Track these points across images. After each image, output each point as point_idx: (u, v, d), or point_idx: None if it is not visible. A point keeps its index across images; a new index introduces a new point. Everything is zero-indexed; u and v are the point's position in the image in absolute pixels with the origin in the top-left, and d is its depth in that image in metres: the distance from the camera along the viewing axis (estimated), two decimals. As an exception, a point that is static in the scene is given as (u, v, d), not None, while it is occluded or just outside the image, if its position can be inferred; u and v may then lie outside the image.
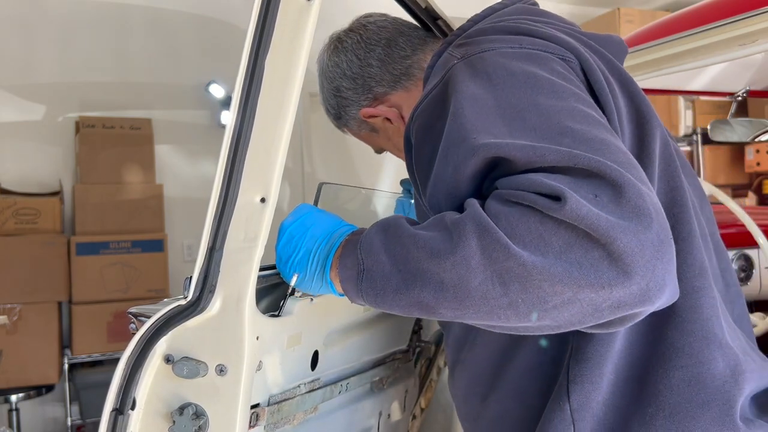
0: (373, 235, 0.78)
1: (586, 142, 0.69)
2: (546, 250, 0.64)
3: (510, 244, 0.65)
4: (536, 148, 0.69)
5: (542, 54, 0.82)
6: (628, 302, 0.64)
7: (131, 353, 0.82)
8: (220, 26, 4.09)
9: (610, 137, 0.72)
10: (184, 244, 4.01)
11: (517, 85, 0.76)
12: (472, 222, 0.68)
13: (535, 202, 0.65)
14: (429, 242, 0.71)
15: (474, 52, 0.83)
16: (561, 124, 0.72)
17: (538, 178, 0.67)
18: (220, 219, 0.82)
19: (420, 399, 1.50)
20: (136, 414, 0.82)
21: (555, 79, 0.78)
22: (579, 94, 0.78)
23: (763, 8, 1.45)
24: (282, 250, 0.88)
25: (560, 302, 0.65)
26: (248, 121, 0.81)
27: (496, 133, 0.72)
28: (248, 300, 0.82)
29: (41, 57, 3.80)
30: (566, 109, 0.74)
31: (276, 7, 0.80)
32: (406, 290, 0.72)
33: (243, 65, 0.81)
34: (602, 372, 0.81)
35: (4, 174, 3.63)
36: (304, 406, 0.99)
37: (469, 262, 0.67)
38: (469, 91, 0.78)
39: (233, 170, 0.81)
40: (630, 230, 0.63)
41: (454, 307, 0.69)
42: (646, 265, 0.62)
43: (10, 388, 3.33)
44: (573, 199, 0.63)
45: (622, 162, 0.68)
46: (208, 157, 4.10)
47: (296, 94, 0.81)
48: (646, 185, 0.68)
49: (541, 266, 0.64)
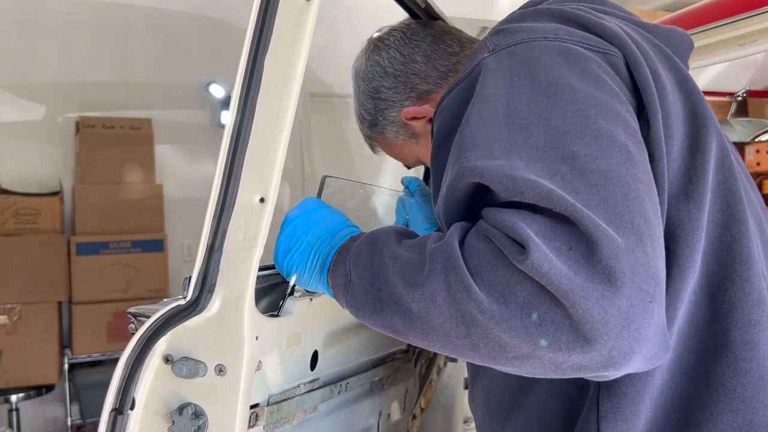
0: (362, 247, 0.77)
1: (584, 174, 0.63)
2: (509, 299, 0.60)
3: (473, 287, 0.61)
4: (516, 180, 0.63)
5: (577, 49, 0.74)
6: (589, 366, 0.59)
7: (131, 353, 0.82)
8: (220, 26, 4.08)
9: (619, 168, 0.64)
10: (184, 244, 4.01)
11: (536, 91, 0.70)
12: (443, 255, 0.65)
13: (504, 247, 0.61)
14: (405, 268, 0.69)
15: (504, 45, 0.77)
16: (565, 148, 0.65)
17: (512, 219, 0.62)
18: (220, 219, 0.82)
19: (420, 399, 1.50)
20: (136, 414, 0.82)
21: (580, 87, 0.70)
22: (605, 104, 0.69)
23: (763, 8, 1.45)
24: (284, 242, 0.86)
25: (519, 355, 0.61)
26: (248, 121, 0.81)
27: (492, 150, 0.67)
28: (247, 300, 0.82)
29: (41, 57, 3.80)
30: (578, 129, 0.66)
31: (275, 7, 0.80)
32: (381, 311, 0.71)
33: (242, 65, 0.81)
34: (638, 410, 0.72)
35: (4, 174, 3.63)
36: (303, 406, 0.99)
37: (435, 298, 0.64)
38: (485, 91, 0.73)
39: (233, 170, 0.81)
40: (594, 295, 0.57)
41: (422, 338, 0.68)
42: (609, 333, 0.57)
43: (10, 388, 3.33)
44: (537, 252, 0.58)
45: (612, 204, 0.61)
46: (208, 157, 4.10)
47: (296, 93, 0.81)
48: (634, 236, 0.60)
49: (500, 316, 0.60)
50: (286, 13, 0.80)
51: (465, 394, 1.82)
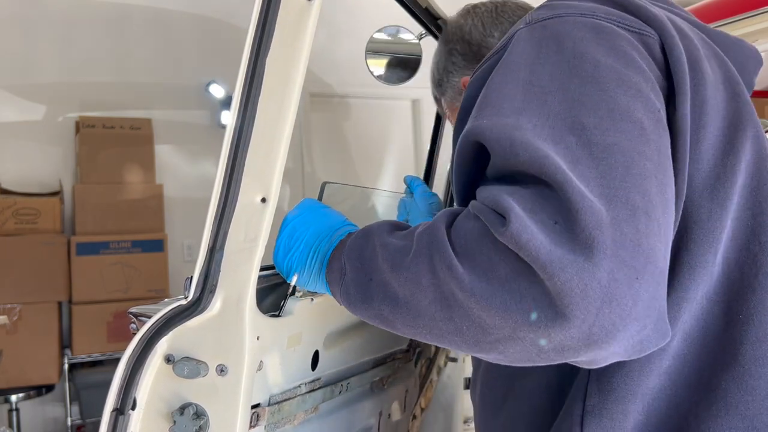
0: (356, 240, 0.76)
1: (589, 146, 0.61)
2: (490, 277, 0.58)
3: (455, 265, 0.60)
4: (514, 142, 0.62)
5: (611, 27, 0.72)
6: (571, 346, 0.57)
7: (132, 353, 0.82)
8: (220, 26, 4.09)
9: (627, 143, 0.62)
10: (184, 244, 4.01)
11: (560, 62, 0.68)
12: (429, 237, 0.64)
13: (488, 220, 0.60)
14: (393, 254, 0.68)
15: (541, 18, 0.75)
16: (576, 119, 0.63)
17: (500, 193, 0.61)
18: (221, 219, 0.82)
19: (420, 399, 1.50)
20: (137, 414, 0.82)
21: (604, 61, 0.67)
22: (628, 79, 0.67)
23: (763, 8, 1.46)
24: (283, 243, 0.86)
25: (502, 336, 0.59)
26: (249, 121, 0.81)
27: (503, 108, 0.67)
28: (249, 300, 0.82)
29: (41, 57, 3.80)
30: (595, 101, 0.64)
31: (277, 7, 0.80)
32: (370, 300, 0.70)
33: (243, 65, 0.81)
34: (627, 409, 0.70)
35: (4, 174, 3.63)
36: (304, 406, 0.99)
37: (419, 280, 0.64)
38: (510, 59, 0.72)
39: (234, 170, 0.81)
40: (573, 267, 0.55)
41: (409, 324, 0.67)
42: (588, 308, 0.55)
43: (10, 388, 3.33)
44: (516, 223, 0.57)
45: (610, 178, 0.59)
46: (208, 157, 4.10)
47: (297, 94, 0.81)
48: (626, 210, 0.58)
49: (480, 293, 0.58)
50: (287, 13, 0.80)
51: (465, 394, 1.82)
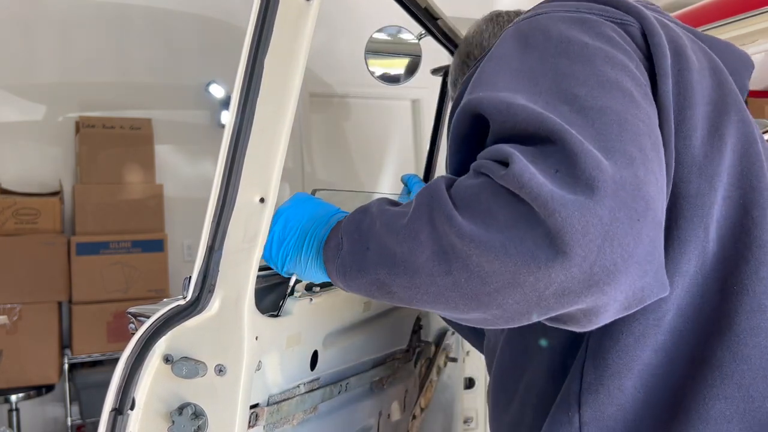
0: (354, 215, 0.76)
1: (583, 111, 0.63)
2: (490, 224, 0.59)
3: (455, 215, 0.61)
4: (512, 105, 0.64)
5: (594, 18, 0.75)
6: (572, 289, 0.57)
7: (130, 353, 0.82)
8: (220, 26, 4.09)
9: (618, 106, 0.64)
10: (184, 244, 4.01)
11: (548, 49, 0.71)
12: (427, 194, 0.66)
13: (489, 169, 0.62)
14: (391, 217, 0.69)
15: (527, 16, 0.79)
16: (569, 91, 0.66)
17: (500, 145, 0.63)
18: (220, 219, 0.82)
19: (420, 399, 1.50)
20: (136, 414, 0.82)
21: (591, 42, 0.71)
22: (613, 56, 0.70)
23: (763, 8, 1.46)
24: (277, 234, 0.85)
25: (501, 285, 0.59)
26: (248, 121, 0.81)
27: (497, 85, 0.69)
28: (247, 300, 0.82)
29: (41, 57, 3.80)
30: (584, 75, 0.67)
31: (275, 7, 0.80)
32: (366, 268, 0.70)
33: (242, 65, 0.81)
34: (623, 384, 0.71)
35: (4, 174, 3.63)
36: (303, 406, 0.99)
37: (418, 236, 0.64)
38: (499, 51, 0.75)
39: (233, 170, 0.81)
40: (574, 204, 0.56)
41: (406, 285, 0.66)
42: (589, 245, 0.55)
43: (10, 388, 3.33)
44: (518, 164, 0.58)
45: (606, 134, 0.61)
46: (208, 157, 4.10)
47: (295, 94, 0.81)
48: (624, 159, 0.59)
49: (479, 239, 0.59)
50: (286, 13, 0.80)
51: (465, 394, 1.82)
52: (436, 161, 1.66)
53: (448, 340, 1.63)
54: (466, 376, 1.82)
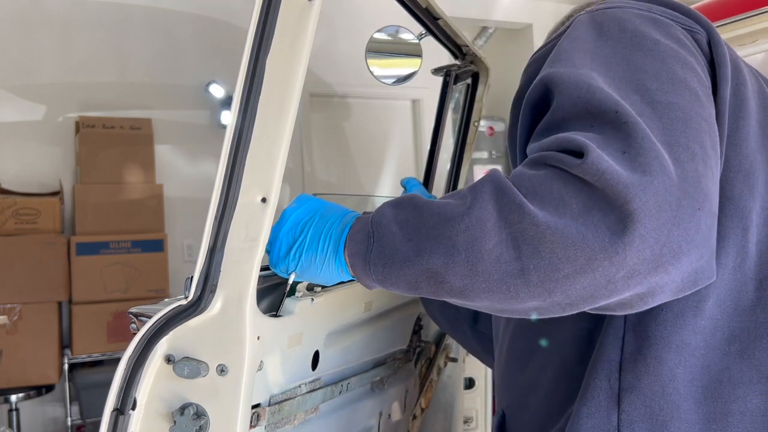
0: (385, 209, 0.76)
1: (653, 104, 0.68)
2: (564, 212, 0.62)
3: (526, 203, 0.64)
4: (591, 86, 0.68)
5: (666, 21, 0.80)
6: (641, 270, 0.61)
7: (132, 353, 0.82)
8: (220, 26, 4.09)
9: (685, 103, 0.69)
10: (184, 244, 4.01)
11: (623, 40, 0.76)
12: (490, 184, 0.67)
13: (560, 161, 0.65)
14: (443, 208, 0.69)
15: (601, 7, 0.83)
16: (640, 83, 0.70)
17: (566, 135, 0.66)
18: (221, 219, 0.82)
19: (420, 399, 1.50)
20: (137, 414, 0.82)
21: (663, 41, 0.76)
22: (683, 56, 0.75)
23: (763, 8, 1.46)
24: (286, 236, 0.84)
25: (573, 270, 0.62)
26: (249, 121, 0.81)
27: (575, 63, 0.73)
28: (249, 300, 0.82)
29: (41, 57, 3.80)
30: (656, 70, 0.72)
31: (277, 7, 0.80)
32: (416, 257, 0.69)
33: (244, 65, 0.81)
34: (662, 357, 0.74)
35: (4, 174, 3.63)
36: (304, 406, 0.99)
37: (484, 224, 0.65)
38: (575, 34, 0.79)
39: (234, 170, 0.81)
40: (650, 189, 0.60)
41: (465, 273, 0.66)
42: (662, 228, 0.60)
43: (10, 388, 3.33)
44: (595, 153, 0.62)
45: (672, 129, 0.66)
46: (208, 157, 4.10)
47: (297, 94, 0.81)
48: (687, 154, 0.65)
49: (555, 227, 0.62)
50: (287, 13, 0.80)
51: (465, 394, 1.82)
52: (436, 162, 1.66)
53: (448, 340, 1.63)
54: (466, 376, 1.82)
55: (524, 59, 1.04)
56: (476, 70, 1.66)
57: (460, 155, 1.73)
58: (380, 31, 1.41)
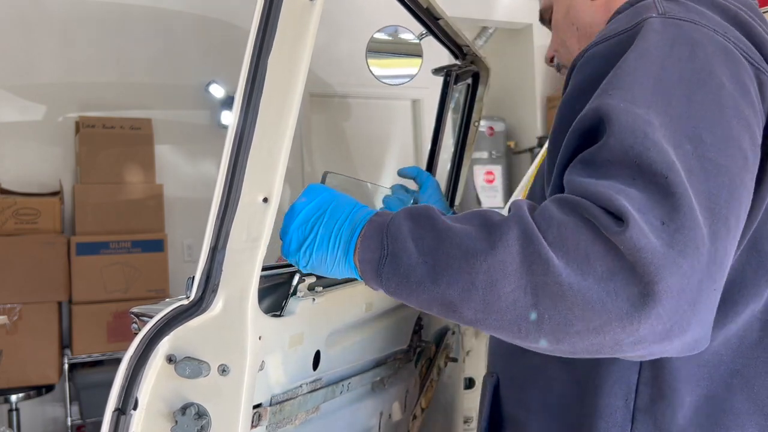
0: (401, 220, 0.74)
1: (704, 160, 0.66)
2: (588, 272, 0.62)
3: (552, 258, 0.63)
4: (647, 137, 0.65)
5: (737, 53, 0.76)
6: (649, 340, 0.62)
7: (133, 353, 0.82)
8: (221, 26, 4.09)
9: (734, 168, 0.67)
10: (184, 244, 4.01)
11: (691, 70, 0.72)
12: (517, 226, 0.66)
13: (597, 219, 0.63)
14: (464, 239, 0.68)
15: (677, 15, 0.77)
16: (696, 132, 0.68)
17: (608, 191, 0.63)
18: (223, 219, 0.82)
19: (420, 399, 1.50)
20: (139, 414, 0.82)
21: (728, 85, 0.72)
22: (742, 109, 0.72)
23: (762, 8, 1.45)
24: (296, 232, 0.83)
25: (585, 329, 0.63)
26: (251, 121, 0.81)
27: (636, 95, 0.69)
28: (251, 300, 0.82)
29: (41, 57, 3.80)
30: (713, 121, 0.69)
31: (278, 7, 0.80)
32: (432, 284, 0.69)
33: (245, 65, 0.81)
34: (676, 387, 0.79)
35: (4, 174, 3.62)
36: (305, 406, 0.99)
37: (506, 268, 0.65)
38: (645, 45, 0.73)
39: (236, 170, 0.81)
40: (679, 272, 0.60)
41: (479, 309, 0.67)
42: (677, 309, 0.61)
43: (10, 388, 3.32)
44: (636, 227, 0.60)
45: (717, 196, 0.65)
46: (208, 157, 4.10)
47: (299, 94, 0.81)
48: (724, 228, 0.64)
49: (577, 288, 0.62)
50: (289, 13, 0.80)
51: (465, 394, 1.82)
52: (436, 162, 1.66)
53: (448, 340, 1.63)
54: (466, 376, 1.82)
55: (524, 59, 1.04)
56: (476, 70, 1.66)
57: (460, 155, 1.73)
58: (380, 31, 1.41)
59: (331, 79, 4.37)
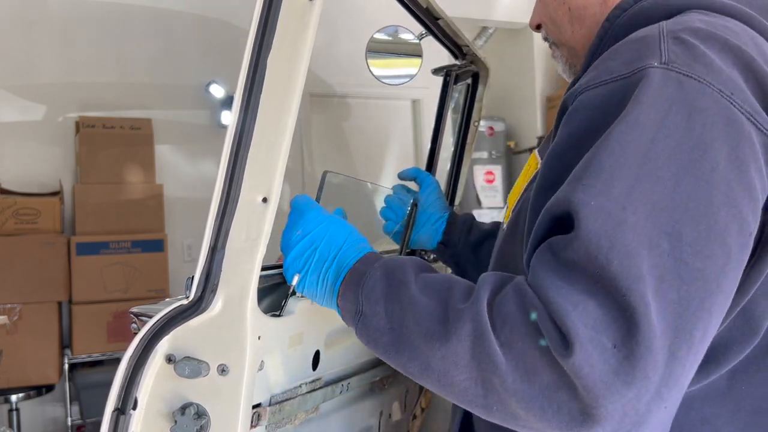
0: (376, 281, 0.78)
1: (678, 263, 0.62)
2: (533, 381, 0.63)
3: (501, 360, 0.64)
4: (614, 247, 0.61)
5: (741, 120, 0.67)
6: None
7: (133, 353, 0.82)
8: (220, 26, 4.09)
9: (711, 270, 0.63)
10: (184, 244, 4.01)
11: (682, 147, 0.65)
12: (471, 323, 0.66)
13: (548, 334, 0.62)
14: (425, 319, 0.71)
15: (681, 68, 0.68)
16: (677, 225, 0.63)
17: (565, 305, 0.61)
18: (222, 219, 0.82)
19: (420, 399, 1.50)
20: (138, 414, 0.82)
21: (721, 166, 0.65)
22: (734, 197, 0.65)
23: (763, 8, 1.45)
24: (291, 264, 0.87)
25: (528, 425, 0.65)
26: (250, 120, 0.81)
27: (612, 189, 0.64)
28: (250, 300, 0.82)
29: (41, 57, 3.80)
30: (699, 212, 0.63)
31: (278, 7, 0.80)
32: (395, 353, 0.74)
33: (245, 65, 0.81)
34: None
35: (4, 174, 3.62)
36: (305, 406, 0.99)
37: (458, 360, 0.67)
38: (635, 115, 0.67)
39: (235, 170, 0.81)
40: (622, 401, 0.59)
41: (437, 387, 0.71)
42: (620, 430, 0.61)
43: (10, 388, 3.32)
44: (581, 353, 0.59)
45: (685, 306, 0.61)
46: (208, 157, 4.10)
47: (298, 93, 0.81)
48: (685, 347, 0.61)
49: (522, 395, 0.63)
50: (289, 13, 0.80)
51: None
52: (436, 162, 1.66)
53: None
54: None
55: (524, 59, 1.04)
56: (476, 70, 1.66)
57: (460, 155, 1.73)
58: (380, 31, 1.41)
59: (331, 79, 4.37)
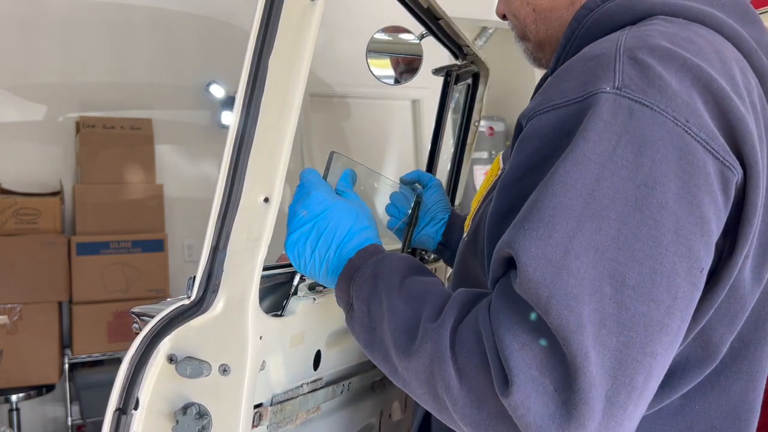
0: (365, 279, 0.80)
1: (620, 310, 0.61)
2: (482, 408, 0.65)
3: (454, 384, 0.66)
4: (552, 299, 0.60)
5: (696, 149, 0.64)
6: None
7: (134, 353, 0.82)
8: (221, 26, 4.09)
9: (654, 315, 0.61)
10: (185, 244, 4.01)
11: (630, 183, 0.63)
12: (432, 344, 0.69)
13: (494, 368, 0.63)
14: (397, 329, 0.73)
15: (634, 95, 0.65)
16: (621, 268, 0.61)
17: (512, 345, 0.62)
18: (224, 219, 0.82)
19: (421, 399, 1.51)
20: (140, 414, 0.82)
21: (671, 205, 0.63)
22: (685, 235, 0.63)
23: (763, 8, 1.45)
24: (295, 246, 0.86)
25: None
26: (251, 121, 0.81)
27: (554, 233, 0.63)
28: (251, 300, 0.82)
29: (41, 57, 3.80)
30: (644, 254, 0.62)
31: (279, 7, 0.80)
32: (371, 352, 0.79)
33: (246, 65, 0.81)
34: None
35: (4, 174, 3.63)
36: (306, 406, 0.99)
37: (418, 376, 0.70)
38: (581, 150, 0.64)
39: (237, 170, 0.81)
40: None
41: (401, 387, 0.76)
42: None
43: (10, 388, 3.33)
44: (519, 395, 0.60)
45: (625, 353, 0.60)
46: (208, 157, 4.10)
47: (300, 94, 0.81)
48: (624, 394, 0.60)
49: (470, 419, 0.66)
50: (290, 14, 0.80)
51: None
52: (436, 162, 1.66)
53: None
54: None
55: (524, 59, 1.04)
56: (476, 71, 1.66)
57: (460, 155, 1.73)
58: (380, 31, 1.41)
59: (331, 79, 4.37)
